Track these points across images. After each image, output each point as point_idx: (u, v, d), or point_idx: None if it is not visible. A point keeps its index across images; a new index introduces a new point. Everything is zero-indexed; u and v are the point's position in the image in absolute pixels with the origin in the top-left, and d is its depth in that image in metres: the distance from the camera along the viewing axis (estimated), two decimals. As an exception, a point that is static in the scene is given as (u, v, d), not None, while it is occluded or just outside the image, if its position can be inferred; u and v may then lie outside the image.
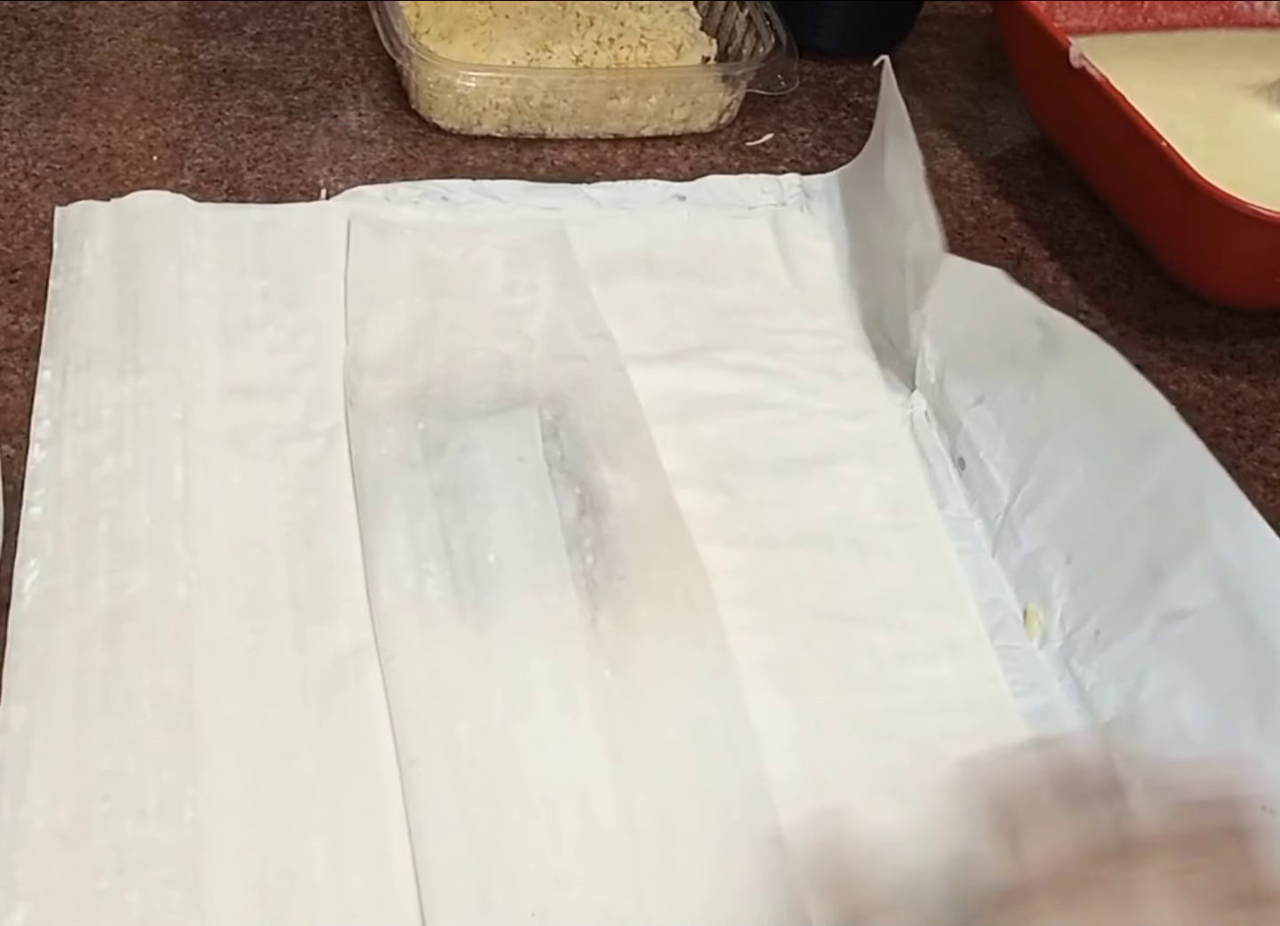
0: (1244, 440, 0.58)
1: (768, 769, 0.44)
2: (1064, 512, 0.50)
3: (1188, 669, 0.45)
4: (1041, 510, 0.51)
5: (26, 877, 0.39)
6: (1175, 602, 0.45)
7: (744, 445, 0.54)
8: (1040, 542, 0.50)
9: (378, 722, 0.44)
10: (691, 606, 0.48)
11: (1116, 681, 0.46)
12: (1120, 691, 0.46)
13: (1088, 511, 0.49)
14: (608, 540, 0.49)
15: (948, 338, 0.56)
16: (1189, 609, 0.45)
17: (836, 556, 0.51)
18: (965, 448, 0.54)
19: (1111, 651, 0.47)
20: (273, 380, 0.53)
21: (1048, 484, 0.51)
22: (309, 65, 0.69)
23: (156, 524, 0.48)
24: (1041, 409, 0.52)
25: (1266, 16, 0.75)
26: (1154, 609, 0.46)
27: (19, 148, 0.62)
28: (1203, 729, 0.44)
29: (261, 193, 0.62)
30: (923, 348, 0.56)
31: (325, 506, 0.49)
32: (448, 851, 0.41)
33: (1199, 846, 0.34)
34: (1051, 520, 0.50)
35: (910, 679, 0.48)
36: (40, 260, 0.57)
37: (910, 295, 0.56)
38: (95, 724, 0.42)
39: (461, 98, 0.65)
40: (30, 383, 0.52)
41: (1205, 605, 0.44)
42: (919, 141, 0.57)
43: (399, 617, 0.46)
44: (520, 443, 0.51)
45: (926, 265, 0.55)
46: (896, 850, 0.38)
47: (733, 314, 0.59)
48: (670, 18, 0.70)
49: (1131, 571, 0.47)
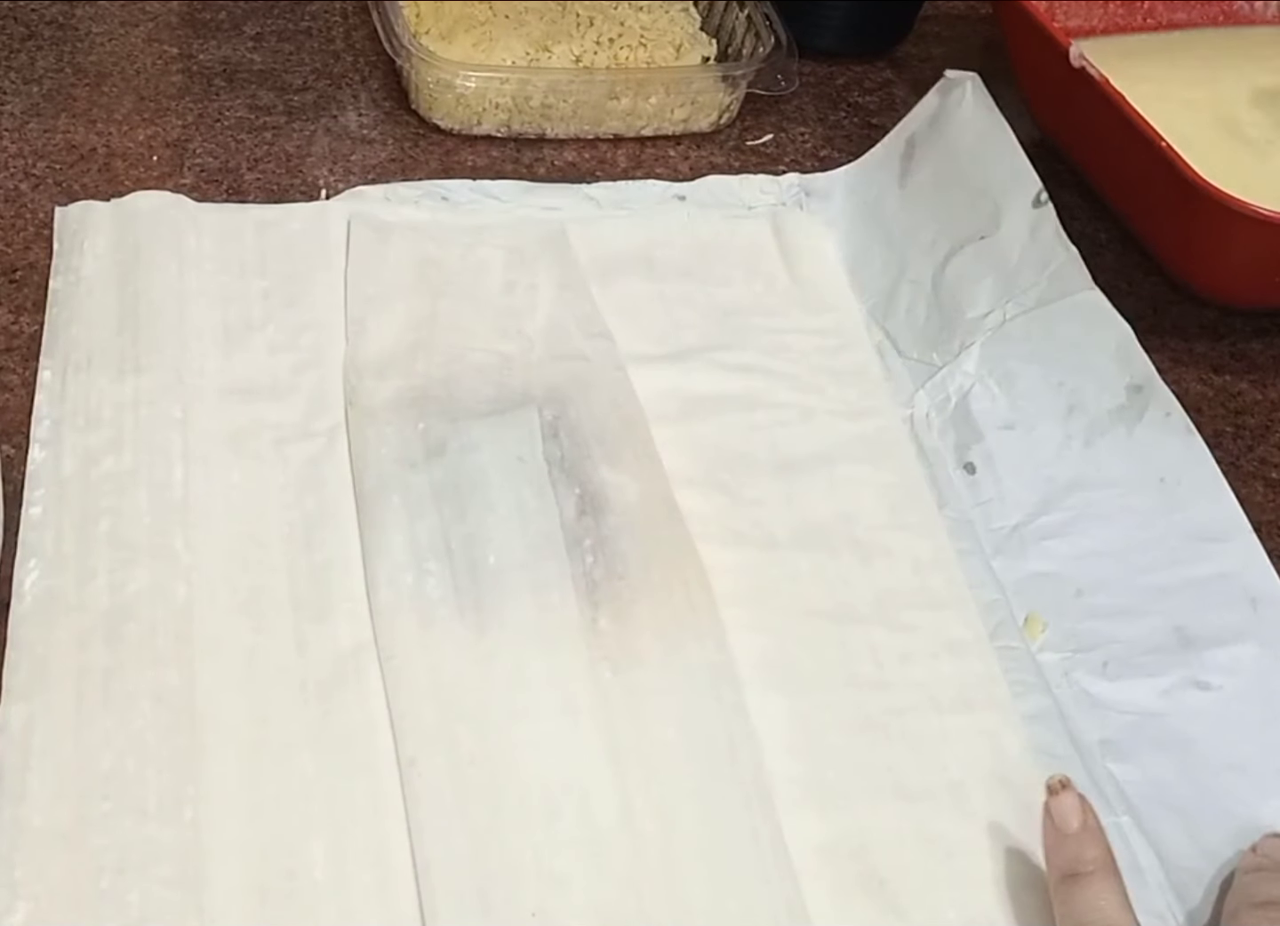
0: (1244, 440, 0.58)
1: (768, 769, 0.44)
2: (1085, 556, 0.50)
3: (1204, 729, 0.45)
4: (1058, 543, 0.51)
5: (26, 877, 0.39)
6: (1201, 674, 0.46)
7: (744, 445, 0.54)
8: (1050, 568, 0.50)
9: (378, 722, 0.44)
10: (691, 606, 0.48)
11: (1121, 713, 0.47)
12: (1125, 723, 0.46)
13: (1114, 567, 0.49)
14: (607, 540, 0.49)
15: (1005, 361, 0.55)
16: (1214, 684, 0.46)
17: (836, 556, 0.51)
18: (981, 457, 0.54)
19: (1119, 685, 0.47)
20: (273, 380, 0.53)
21: (1071, 526, 0.51)
22: (309, 65, 0.69)
23: (156, 524, 0.48)
24: (1088, 461, 0.52)
25: (1266, 16, 0.75)
26: (1177, 671, 0.46)
27: (19, 148, 0.62)
28: (1216, 778, 0.44)
29: (261, 193, 0.62)
30: (969, 355, 0.56)
31: (325, 506, 0.49)
32: (446, 851, 0.41)
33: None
34: (1068, 556, 0.50)
35: (910, 679, 0.48)
36: (40, 260, 0.57)
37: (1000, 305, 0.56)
38: (95, 724, 0.42)
39: (461, 98, 0.65)
40: (30, 383, 0.52)
41: (1229, 685, 0.45)
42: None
43: (399, 617, 0.46)
44: (520, 443, 0.51)
45: (1049, 292, 0.55)
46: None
47: (733, 314, 0.59)
48: (670, 18, 0.70)
49: (1156, 632, 0.47)
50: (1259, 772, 0.44)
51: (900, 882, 0.42)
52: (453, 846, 0.41)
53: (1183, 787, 0.44)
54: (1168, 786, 0.45)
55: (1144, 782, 0.45)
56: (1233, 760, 0.44)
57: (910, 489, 0.54)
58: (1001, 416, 0.55)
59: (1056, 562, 0.50)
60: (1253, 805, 0.43)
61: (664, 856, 0.42)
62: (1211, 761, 0.45)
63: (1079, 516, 0.51)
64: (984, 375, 0.56)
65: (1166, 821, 0.44)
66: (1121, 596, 0.49)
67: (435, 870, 0.40)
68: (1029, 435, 0.54)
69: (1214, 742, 0.45)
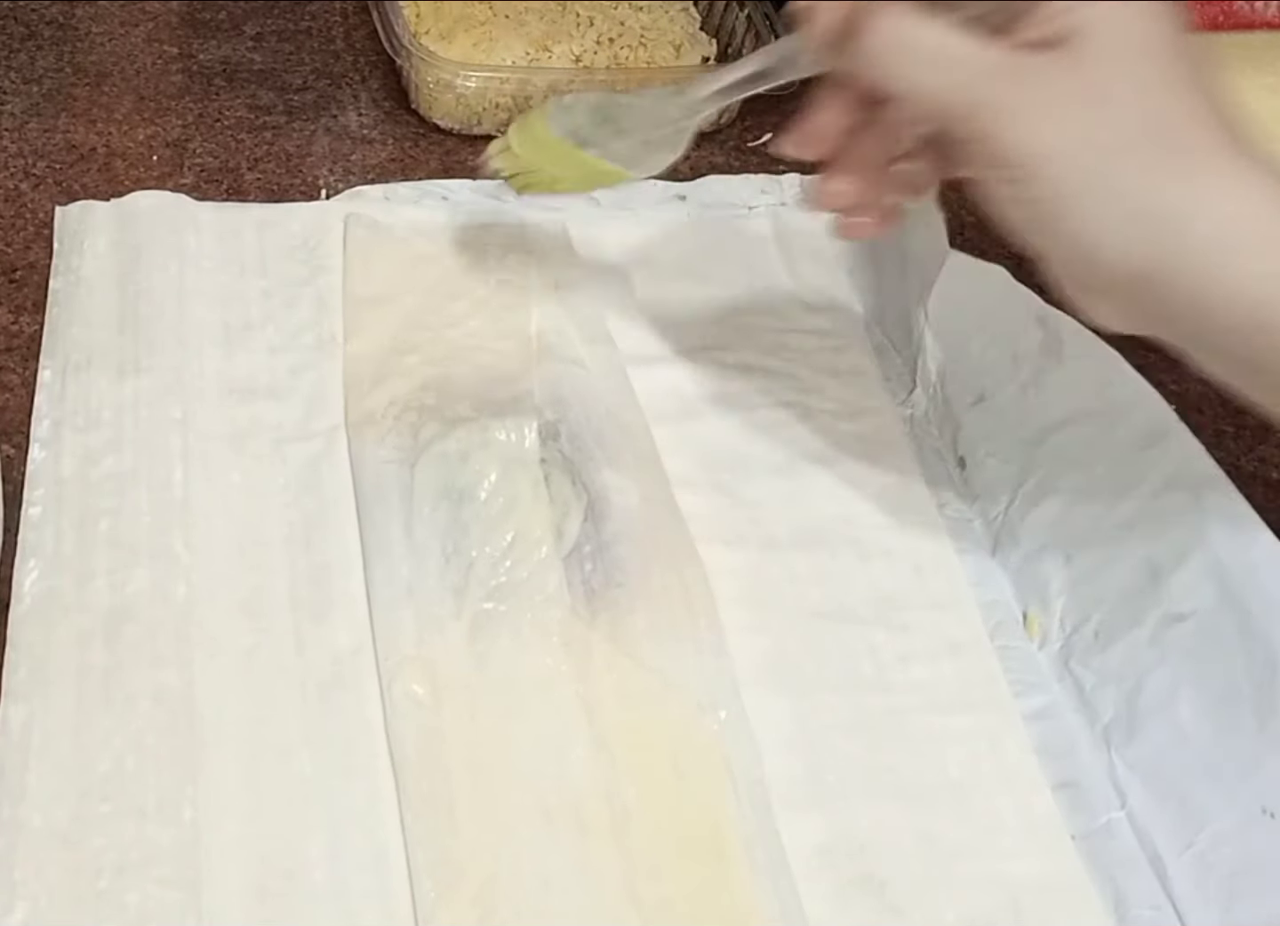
0: (1244, 440, 0.58)
1: (767, 769, 0.44)
2: (1063, 513, 0.50)
3: (1187, 671, 0.44)
4: (1041, 510, 0.51)
5: (25, 877, 0.39)
6: (1174, 605, 0.45)
7: (744, 445, 0.54)
8: (1040, 542, 0.50)
9: (376, 723, 0.44)
10: (691, 609, 0.48)
11: (1116, 683, 0.46)
12: (1120, 693, 0.46)
13: (1087, 512, 0.49)
14: (607, 546, 0.49)
15: (949, 335, 0.56)
16: (1188, 611, 0.45)
17: (836, 556, 0.51)
18: (966, 447, 0.54)
19: (1111, 653, 0.47)
20: (273, 380, 0.53)
21: (1047, 483, 0.51)
22: (309, 65, 0.69)
23: (156, 524, 0.48)
24: (1041, 408, 0.52)
25: (1267, 17, 0.75)
26: (1154, 611, 0.46)
27: (19, 148, 0.62)
28: (1203, 731, 0.43)
29: (261, 193, 0.62)
30: (924, 345, 0.56)
31: (325, 506, 0.49)
32: (442, 853, 0.41)
33: None
34: (1051, 520, 0.50)
35: (910, 679, 0.48)
36: (40, 260, 0.57)
37: (913, 292, 0.56)
38: (95, 724, 0.42)
39: (461, 98, 0.65)
40: (30, 382, 0.52)
41: (1204, 607, 0.44)
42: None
43: (397, 618, 0.46)
44: (519, 444, 0.51)
45: (929, 262, 0.55)
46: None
47: (733, 314, 0.59)
48: (670, 18, 0.70)
49: (1131, 573, 0.47)
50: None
51: (900, 883, 0.42)
52: (448, 848, 0.41)
53: (1186, 760, 0.44)
54: (1171, 763, 0.44)
55: (1149, 760, 0.45)
56: (1226, 688, 0.43)
57: (910, 489, 0.54)
58: (972, 391, 0.55)
59: (1044, 534, 0.50)
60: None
61: (662, 858, 0.42)
62: (1209, 692, 0.44)
63: (1047, 472, 0.51)
64: (948, 355, 0.56)
65: (1169, 811, 0.44)
66: (1099, 545, 0.48)
67: (430, 872, 0.40)
68: (995, 401, 0.54)
69: (1206, 672, 0.44)
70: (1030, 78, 0.39)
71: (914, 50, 0.40)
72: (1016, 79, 0.39)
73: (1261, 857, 0.41)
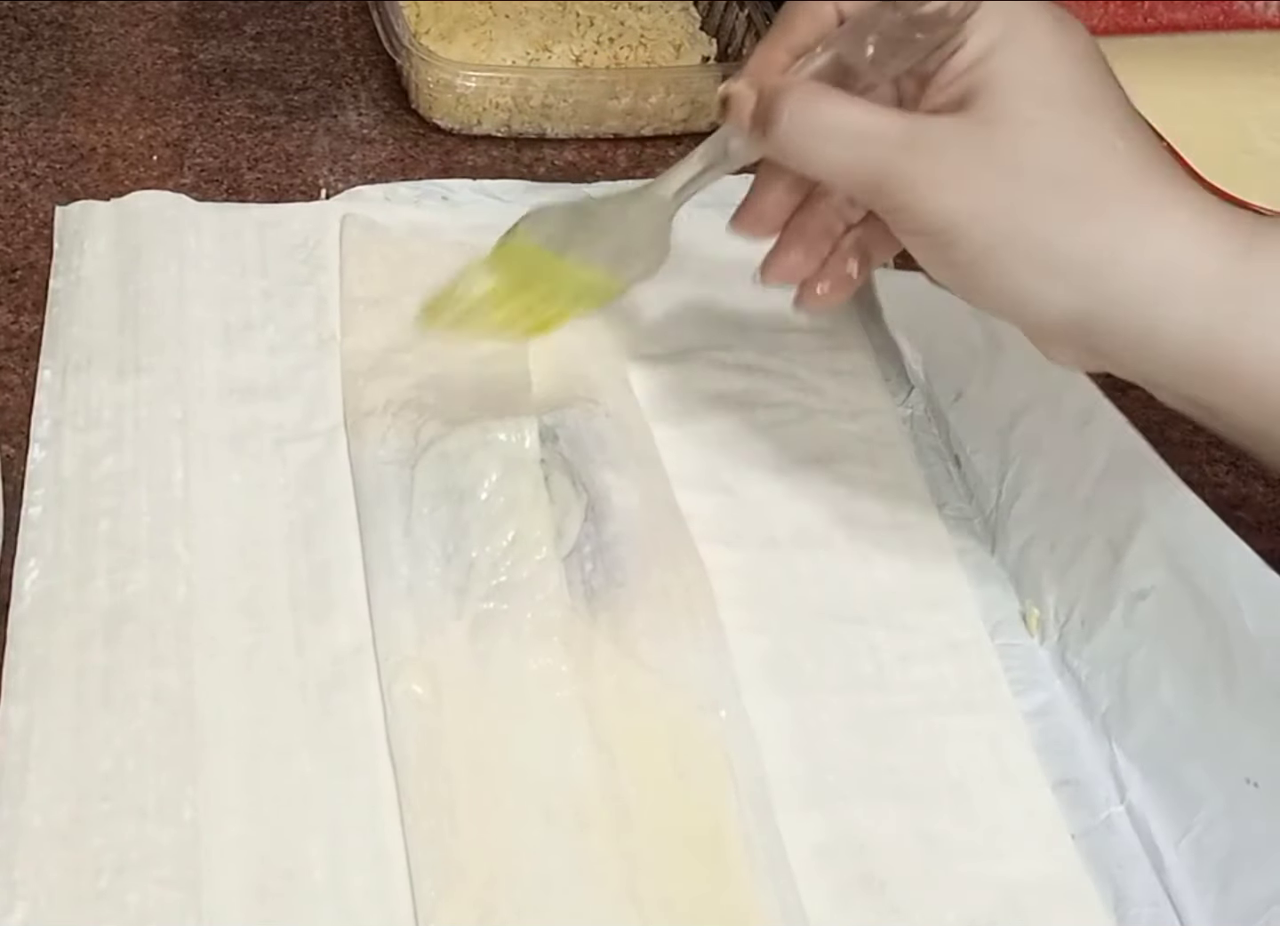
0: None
1: (768, 768, 0.44)
2: (1039, 499, 0.50)
3: (1161, 650, 0.45)
4: (1023, 500, 0.51)
5: (25, 877, 0.39)
6: (1135, 582, 0.46)
7: (744, 445, 0.54)
8: (1028, 534, 0.50)
9: (376, 723, 0.44)
10: (691, 609, 0.48)
11: (1106, 669, 0.47)
12: (1111, 679, 0.46)
13: (1057, 496, 0.50)
14: (607, 546, 0.49)
15: (918, 338, 0.56)
16: (1148, 587, 0.45)
17: (836, 556, 0.51)
18: (956, 444, 0.55)
19: (1096, 639, 0.47)
20: (273, 380, 0.53)
21: (1021, 471, 0.51)
22: (309, 65, 0.69)
23: (156, 524, 0.48)
24: (1005, 397, 0.52)
25: (1267, 17, 0.75)
26: (1120, 592, 0.46)
27: (19, 148, 0.62)
28: (1184, 709, 0.44)
29: (261, 193, 0.62)
30: (903, 348, 0.57)
31: (325, 506, 0.49)
32: (442, 853, 0.41)
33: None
34: (1031, 509, 0.50)
35: (911, 678, 0.48)
36: (40, 260, 0.57)
37: (880, 298, 0.57)
38: (95, 724, 0.42)
39: (461, 98, 0.65)
40: (30, 383, 0.52)
41: (1160, 583, 0.45)
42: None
43: (397, 618, 0.46)
44: (519, 444, 0.51)
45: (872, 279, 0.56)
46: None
47: (732, 314, 0.59)
48: (670, 17, 0.70)
49: (1099, 554, 0.47)
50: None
51: (900, 883, 0.42)
52: (449, 848, 0.41)
53: (1174, 742, 0.44)
54: (1162, 748, 0.44)
55: (1144, 746, 0.45)
56: (1196, 663, 0.43)
57: (910, 488, 0.54)
58: (952, 389, 0.55)
59: (1030, 524, 0.50)
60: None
61: (661, 858, 0.42)
62: (1181, 669, 0.44)
63: (1022, 461, 0.51)
64: (924, 356, 0.56)
65: (1165, 798, 0.44)
66: (1072, 531, 0.49)
67: (430, 872, 0.40)
68: (970, 397, 0.54)
69: (1177, 648, 0.44)
70: (938, 145, 0.39)
71: (825, 129, 0.40)
72: (925, 148, 0.38)
73: (1251, 832, 0.41)
